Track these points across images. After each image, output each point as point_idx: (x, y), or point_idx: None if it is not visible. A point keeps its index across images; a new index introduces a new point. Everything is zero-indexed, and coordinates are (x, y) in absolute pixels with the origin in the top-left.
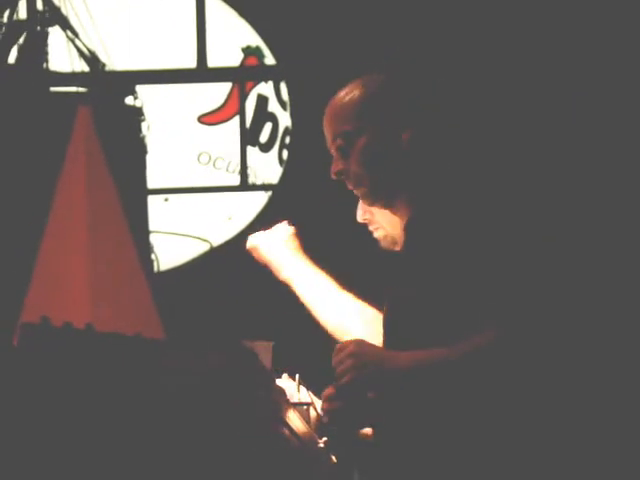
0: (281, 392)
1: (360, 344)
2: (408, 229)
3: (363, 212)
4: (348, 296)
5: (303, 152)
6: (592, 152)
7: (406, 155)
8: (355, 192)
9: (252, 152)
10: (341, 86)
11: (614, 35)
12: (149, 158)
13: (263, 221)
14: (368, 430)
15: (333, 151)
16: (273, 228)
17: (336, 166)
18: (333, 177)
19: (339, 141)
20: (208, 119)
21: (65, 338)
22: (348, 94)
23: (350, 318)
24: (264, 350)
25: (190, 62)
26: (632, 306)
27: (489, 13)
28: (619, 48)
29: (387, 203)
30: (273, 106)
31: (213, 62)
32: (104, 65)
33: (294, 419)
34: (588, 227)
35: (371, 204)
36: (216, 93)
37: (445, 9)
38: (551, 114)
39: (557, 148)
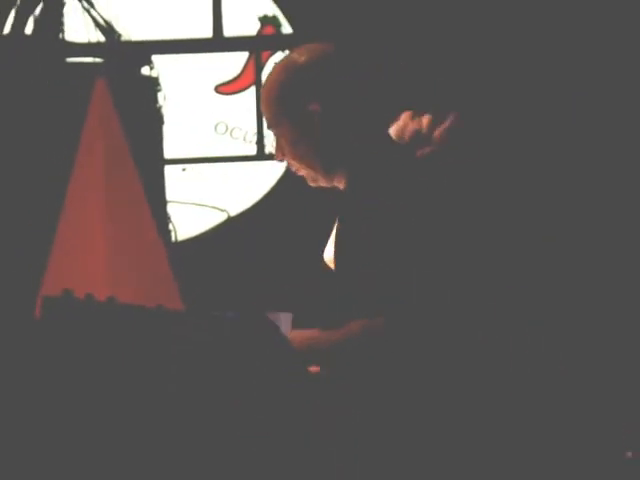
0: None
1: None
2: (342, 203)
3: (279, 154)
4: None
5: None
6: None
7: (323, 142)
8: (298, 174)
9: None
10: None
11: (614, 35)
12: (166, 128)
13: (280, 191)
14: None
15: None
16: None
17: (277, 153)
18: (277, 161)
19: (272, 130)
20: (225, 89)
21: (87, 310)
22: (271, 80)
23: None
24: (284, 320)
25: (206, 32)
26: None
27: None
28: (619, 48)
29: (328, 181)
30: None
31: (229, 31)
32: (120, 35)
33: (313, 386)
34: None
35: (315, 184)
36: (233, 63)
37: None
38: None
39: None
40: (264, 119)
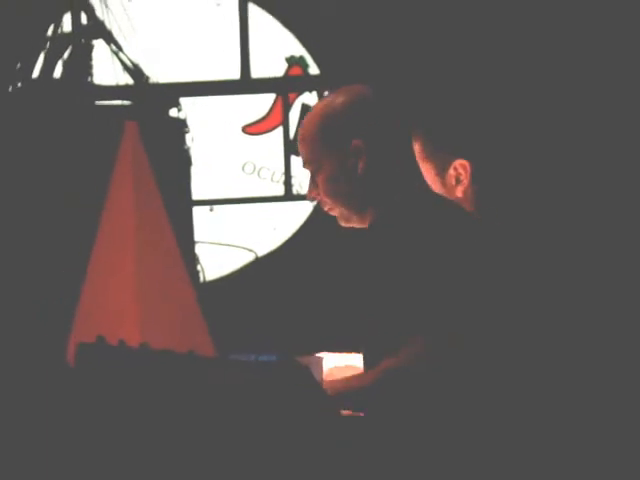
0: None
1: None
2: (366, 240)
3: (313, 192)
4: None
5: None
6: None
7: (363, 180)
8: (330, 213)
9: (296, 162)
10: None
11: (614, 35)
12: (194, 169)
13: (308, 231)
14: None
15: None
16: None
17: (310, 191)
18: (308, 200)
19: (308, 168)
20: (252, 129)
21: (121, 357)
22: (312, 120)
23: None
24: (315, 364)
25: (234, 73)
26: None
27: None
28: (619, 48)
29: (360, 222)
30: None
31: (257, 73)
32: (148, 78)
33: (344, 431)
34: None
35: (347, 224)
36: (260, 103)
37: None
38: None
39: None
40: (299, 157)
